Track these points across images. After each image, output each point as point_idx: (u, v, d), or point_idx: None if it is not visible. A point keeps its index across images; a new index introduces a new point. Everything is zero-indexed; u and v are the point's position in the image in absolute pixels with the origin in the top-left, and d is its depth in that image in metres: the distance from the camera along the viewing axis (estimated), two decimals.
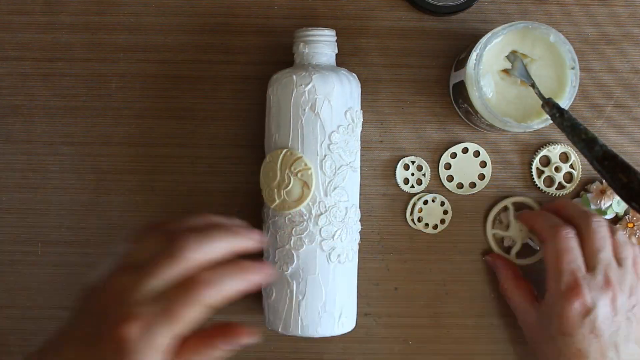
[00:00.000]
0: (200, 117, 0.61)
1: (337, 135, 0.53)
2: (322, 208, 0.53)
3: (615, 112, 0.62)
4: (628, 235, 0.61)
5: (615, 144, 0.62)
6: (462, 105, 0.58)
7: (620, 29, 0.61)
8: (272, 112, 0.55)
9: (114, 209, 0.61)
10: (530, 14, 0.60)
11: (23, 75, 0.61)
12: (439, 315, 0.62)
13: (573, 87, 0.54)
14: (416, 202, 0.61)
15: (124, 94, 0.61)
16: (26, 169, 0.61)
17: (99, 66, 0.61)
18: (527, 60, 0.55)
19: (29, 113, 0.61)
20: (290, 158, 0.53)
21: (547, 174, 0.62)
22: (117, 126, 0.61)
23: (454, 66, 0.59)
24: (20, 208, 0.61)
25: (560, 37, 0.53)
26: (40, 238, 0.61)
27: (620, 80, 0.61)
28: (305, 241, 0.53)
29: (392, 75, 0.61)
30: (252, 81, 0.61)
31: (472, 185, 0.62)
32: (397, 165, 0.61)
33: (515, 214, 0.61)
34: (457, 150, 0.61)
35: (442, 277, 0.62)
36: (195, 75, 0.61)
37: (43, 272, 0.61)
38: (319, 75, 0.53)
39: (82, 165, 0.61)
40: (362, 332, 0.61)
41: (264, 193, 0.55)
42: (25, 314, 0.61)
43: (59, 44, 0.60)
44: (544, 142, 0.62)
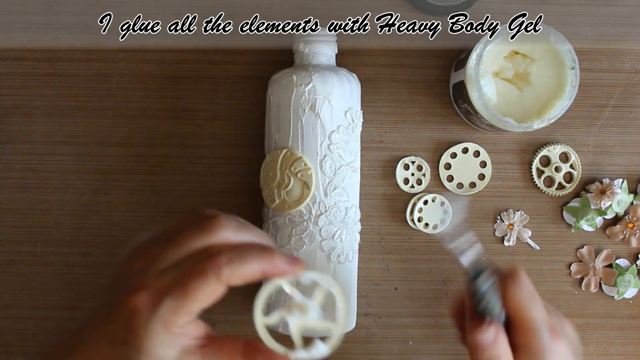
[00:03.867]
0: (200, 117, 0.61)
1: (337, 136, 0.54)
2: (322, 208, 0.53)
3: (615, 112, 0.62)
4: (628, 235, 0.61)
5: (615, 144, 0.62)
6: (462, 105, 0.58)
7: (620, 29, 0.61)
8: (272, 112, 0.55)
9: (114, 209, 0.61)
10: (530, 14, 0.60)
11: (23, 75, 0.61)
12: (439, 315, 0.62)
13: (573, 87, 0.54)
14: (416, 202, 0.61)
15: (124, 94, 0.61)
16: (26, 169, 0.61)
17: (99, 66, 0.61)
18: (527, 61, 0.55)
19: (29, 113, 0.61)
20: (291, 158, 0.53)
21: (547, 174, 0.62)
22: (117, 126, 0.61)
23: (454, 66, 0.59)
24: (20, 208, 0.61)
25: (560, 37, 0.53)
26: (40, 238, 0.61)
27: (620, 80, 0.61)
28: (305, 241, 0.53)
29: (392, 75, 0.61)
30: (252, 81, 0.61)
31: (472, 185, 0.62)
32: (397, 165, 0.61)
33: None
34: (457, 150, 0.61)
35: (442, 277, 0.62)
36: (195, 75, 0.61)
37: (43, 272, 0.61)
38: (319, 75, 0.53)
39: (82, 165, 0.61)
40: (362, 332, 0.61)
41: (264, 193, 0.55)
42: (25, 314, 0.61)
43: (59, 44, 0.60)
44: (544, 142, 0.62)
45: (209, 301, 0.38)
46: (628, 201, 0.61)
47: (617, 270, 0.61)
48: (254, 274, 0.39)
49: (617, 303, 0.62)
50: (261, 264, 0.39)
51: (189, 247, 0.39)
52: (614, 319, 0.62)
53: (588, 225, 0.61)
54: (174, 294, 0.37)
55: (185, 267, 0.38)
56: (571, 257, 0.62)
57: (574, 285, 0.62)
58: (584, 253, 0.62)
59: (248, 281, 0.39)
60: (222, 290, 0.38)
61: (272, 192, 0.54)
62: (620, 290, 0.61)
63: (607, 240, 0.62)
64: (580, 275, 0.62)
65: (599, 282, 0.62)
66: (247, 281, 0.39)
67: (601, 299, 0.62)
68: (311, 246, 0.53)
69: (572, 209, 0.61)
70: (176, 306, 0.37)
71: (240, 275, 0.38)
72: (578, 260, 0.62)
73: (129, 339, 0.38)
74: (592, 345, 0.62)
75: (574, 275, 0.62)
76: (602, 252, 0.62)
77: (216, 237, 0.39)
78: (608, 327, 0.62)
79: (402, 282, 0.62)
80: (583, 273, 0.62)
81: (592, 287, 0.62)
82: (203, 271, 0.37)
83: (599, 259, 0.61)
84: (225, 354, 0.40)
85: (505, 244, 0.62)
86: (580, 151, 0.62)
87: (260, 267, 0.39)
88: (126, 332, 0.38)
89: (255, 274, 0.39)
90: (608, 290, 0.62)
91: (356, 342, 0.61)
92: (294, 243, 0.54)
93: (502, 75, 0.56)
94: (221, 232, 0.40)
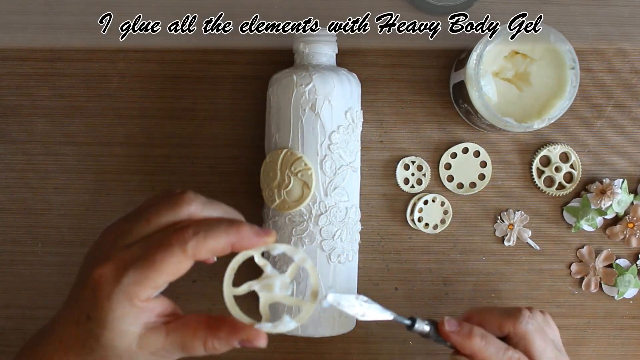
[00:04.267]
0: (200, 117, 0.61)
1: (337, 136, 0.53)
2: (322, 208, 0.53)
3: (615, 112, 0.62)
4: (628, 235, 0.61)
5: (615, 144, 0.62)
6: (462, 105, 0.58)
7: (620, 29, 0.61)
8: (272, 112, 0.55)
9: (114, 209, 0.61)
10: (530, 14, 0.60)
11: (23, 75, 0.61)
12: (439, 315, 0.62)
13: (573, 87, 0.54)
14: (416, 202, 0.61)
15: (124, 94, 0.61)
16: (26, 169, 0.61)
17: (99, 66, 0.61)
18: (527, 61, 0.55)
19: (29, 113, 0.61)
20: (291, 158, 0.53)
21: (547, 174, 0.62)
22: (117, 126, 0.61)
23: (454, 66, 0.59)
24: (20, 208, 0.61)
25: (560, 37, 0.53)
26: (40, 238, 0.61)
27: (620, 80, 0.61)
28: (305, 241, 0.53)
29: (392, 75, 0.61)
30: (252, 81, 0.61)
31: (472, 185, 0.62)
32: (397, 165, 0.61)
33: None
34: (457, 150, 0.61)
35: (442, 277, 0.62)
36: (195, 75, 0.61)
37: (43, 272, 0.61)
38: (319, 75, 0.53)
39: (82, 165, 0.61)
40: (362, 332, 0.61)
41: (264, 193, 0.55)
42: (25, 314, 0.61)
43: (59, 44, 0.60)
44: (544, 142, 0.62)
45: (175, 274, 0.38)
46: (628, 201, 0.61)
47: (617, 270, 0.61)
48: (221, 247, 0.38)
49: (617, 303, 0.62)
50: (228, 237, 0.38)
51: (157, 222, 0.39)
52: (614, 319, 0.62)
53: (588, 225, 0.61)
54: (138, 266, 0.37)
55: (151, 241, 0.38)
56: (571, 257, 0.62)
57: (574, 285, 0.62)
58: (584, 253, 0.62)
59: (215, 254, 0.39)
60: (188, 264, 0.38)
61: (272, 192, 0.54)
62: (620, 290, 0.61)
63: (607, 240, 0.62)
64: (580, 275, 0.62)
65: (599, 282, 0.62)
66: (215, 254, 0.39)
67: (601, 299, 0.62)
68: (311, 246, 0.53)
69: (572, 209, 0.61)
70: (140, 278, 0.37)
71: (206, 248, 0.38)
72: (578, 260, 0.62)
73: (93, 314, 0.38)
74: (592, 345, 0.62)
75: (574, 275, 0.62)
76: (602, 252, 0.62)
77: (184, 212, 0.39)
78: (608, 327, 0.62)
79: (402, 282, 0.62)
80: (583, 273, 0.62)
81: (592, 287, 0.62)
82: (168, 244, 0.37)
83: (599, 259, 0.61)
84: (189, 329, 0.39)
85: (505, 244, 0.62)
86: (580, 151, 0.62)
87: (227, 239, 0.38)
88: (91, 305, 0.38)
89: (223, 247, 0.39)
90: (608, 290, 0.62)
91: (356, 342, 0.61)
92: (294, 243, 0.54)
93: (502, 75, 0.56)
94: (189, 207, 0.39)
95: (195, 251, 0.38)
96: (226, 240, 0.38)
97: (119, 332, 0.38)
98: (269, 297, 0.41)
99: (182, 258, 0.38)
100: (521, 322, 0.48)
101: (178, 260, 0.37)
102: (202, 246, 0.38)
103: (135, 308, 0.38)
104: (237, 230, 0.39)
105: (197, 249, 0.38)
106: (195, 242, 0.38)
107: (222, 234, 0.38)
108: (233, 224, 0.39)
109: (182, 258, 0.38)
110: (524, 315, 0.48)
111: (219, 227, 0.39)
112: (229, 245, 0.39)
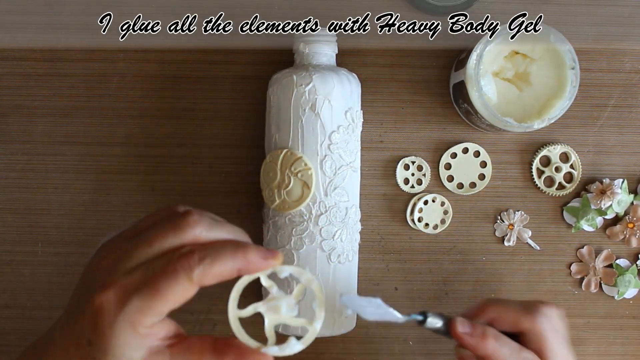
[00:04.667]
0: (200, 117, 0.61)
1: (337, 136, 0.53)
2: (322, 208, 0.53)
3: (615, 112, 0.62)
4: (628, 235, 0.61)
5: (615, 144, 0.62)
6: (462, 105, 0.58)
7: (620, 29, 0.61)
8: (272, 112, 0.55)
9: (114, 209, 0.61)
10: (530, 14, 0.60)
11: (23, 75, 0.61)
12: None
13: (573, 87, 0.54)
14: (416, 202, 0.61)
15: (124, 94, 0.61)
16: (26, 169, 0.61)
17: (98, 66, 0.61)
18: (527, 61, 0.55)
19: (28, 113, 0.61)
20: (291, 158, 0.53)
21: (547, 174, 0.62)
22: (117, 126, 0.61)
23: (454, 66, 0.59)
24: (20, 208, 0.61)
25: (560, 37, 0.53)
26: (40, 238, 0.61)
27: (620, 80, 0.61)
28: (305, 241, 0.53)
29: (392, 75, 0.61)
30: (252, 81, 0.61)
31: (472, 185, 0.62)
32: (397, 165, 0.61)
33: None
34: (457, 150, 0.61)
35: (442, 277, 0.62)
36: (195, 75, 0.61)
37: (43, 272, 0.61)
38: (319, 75, 0.53)
39: (82, 165, 0.61)
40: (362, 332, 0.61)
41: (264, 193, 0.55)
42: (25, 314, 0.61)
43: (59, 44, 0.60)
44: (544, 142, 0.62)
45: (179, 302, 0.37)
46: (628, 201, 0.61)
47: (617, 270, 0.61)
48: (227, 273, 0.38)
49: (617, 303, 0.62)
50: (234, 262, 0.37)
51: (160, 245, 0.37)
52: (614, 319, 0.62)
53: (588, 225, 0.61)
54: (142, 293, 0.36)
55: (155, 266, 0.37)
56: (571, 257, 0.62)
57: (574, 285, 0.62)
58: (584, 253, 0.62)
59: (222, 280, 0.38)
60: (193, 291, 0.37)
61: (272, 192, 0.54)
62: (620, 290, 0.61)
63: (607, 240, 0.62)
64: (580, 275, 0.62)
65: (599, 282, 0.62)
66: (221, 280, 0.38)
67: (601, 299, 0.62)
68: (311, 246, 0.53)
69: (572, 209, 0.61)
70: (144, 306, 0.36)
71: (212, 274, 0.37)
72: (578, 260, 0.62)
73: (94, 340, 0.36)
74: (592, 345, 0.62)
75: (574, 275, 0.62)
76: (602, 252, 0.62)
77: (188, 236, 0.38)
78: (608, 327, 0.62)
79: (402, 282, 0.62)
80: (583, 273, 0.62)
81: (592, 287, 0.62)
82: (174, 271, 0.36)
83: (599, 259, 0.61)
84: (195, 352, 0.38)
85: (505, 244, 0.62)
86: (580, 151, 0.62)
87: (233, 265, 0.37)
88: (92, 332, 0.36)
89: (229, 272, 0.38)
90: (608, 290, 0.62)
91: (356, 342, 0.61)
92: (294, 243, 0.54)
93: (502, 75, 0.56)
94: (193, 230, 0.38)
95: (201, 278, 0.36)
96: (233, 266, 0.38)
97: (122, 358, 0.37)
98: (275, 319, 0.40)
99: (187, 286, 0.36)
100: (539, 321, 0.48)
101: (184, 287, 0.36)
102: (208, 273, 0.37)
103: (138, 335, 0.36)
104: (244, 254, 0.38)
105: (203, 275, 0.36)
106: (202, 269, 0.36)
107: (229, 259, 0.37)
108: (239, 248, 0.38)
109: (187, 286, 0.36)
110: (541, 313, 0.48)
111: (226, 252, 0.37)
112: (236, 270, 0.38)
